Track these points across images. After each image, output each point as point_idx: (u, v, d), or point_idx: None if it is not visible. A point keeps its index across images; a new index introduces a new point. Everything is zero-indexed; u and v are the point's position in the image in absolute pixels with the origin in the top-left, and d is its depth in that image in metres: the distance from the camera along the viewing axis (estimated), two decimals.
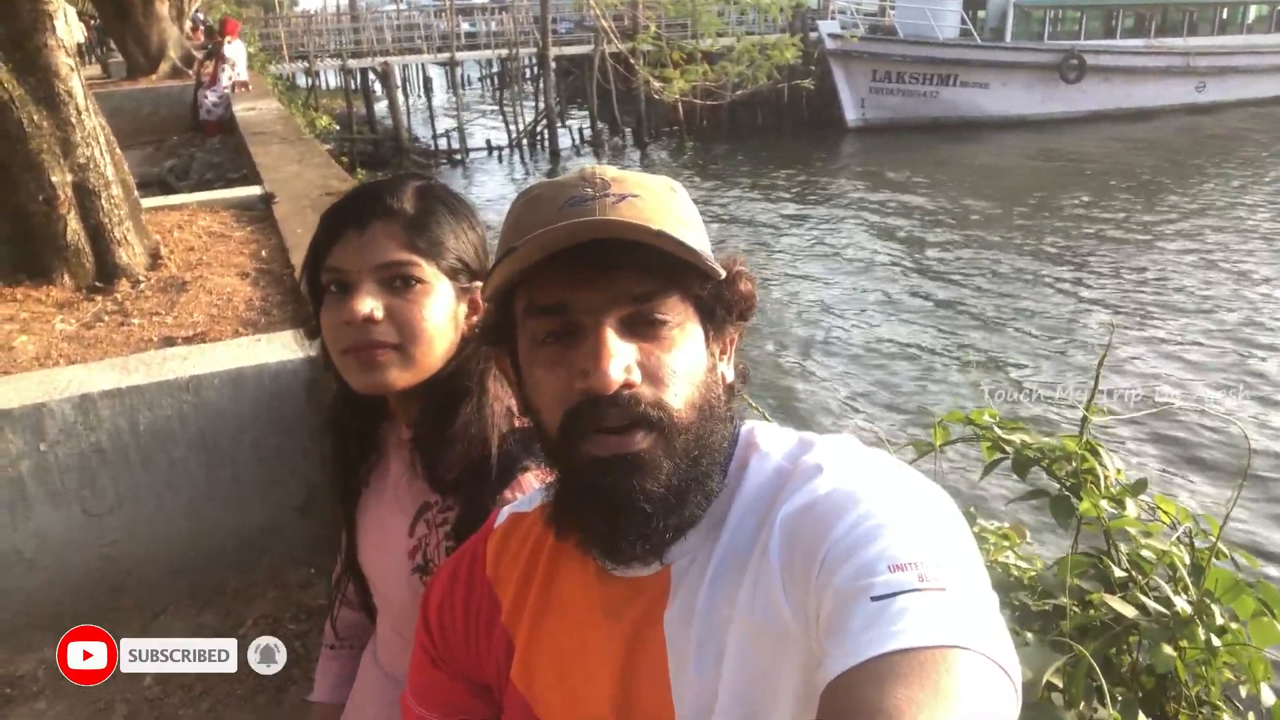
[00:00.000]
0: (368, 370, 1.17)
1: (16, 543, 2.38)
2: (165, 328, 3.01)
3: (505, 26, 27.97)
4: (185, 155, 8.52)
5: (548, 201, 0.82)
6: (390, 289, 1.16)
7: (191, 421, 2.49)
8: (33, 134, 3.31)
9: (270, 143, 6.68)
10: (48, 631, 2.44)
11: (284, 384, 2.58)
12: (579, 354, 0.79)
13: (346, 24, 27.90)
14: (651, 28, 20.83)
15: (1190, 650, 1.11)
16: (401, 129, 25.59)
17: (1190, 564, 1.21)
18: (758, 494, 0.83)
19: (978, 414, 1.52)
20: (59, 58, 3.37)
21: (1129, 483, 1.36)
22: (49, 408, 2.34)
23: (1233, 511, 1.22)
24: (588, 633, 0.88)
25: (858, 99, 27.60)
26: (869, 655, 0.63)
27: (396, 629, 1.32)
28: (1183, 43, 28.85)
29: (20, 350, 2.83)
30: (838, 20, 28.25)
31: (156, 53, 11.73)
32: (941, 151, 24.64)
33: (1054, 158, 23.79)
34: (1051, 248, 15.99)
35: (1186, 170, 21.96)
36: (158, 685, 2.31)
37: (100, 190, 3.51)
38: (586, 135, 27.47)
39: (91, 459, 2.40)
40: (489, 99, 36.69)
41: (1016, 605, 1.29)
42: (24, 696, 2.27)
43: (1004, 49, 27.59)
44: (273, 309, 3.14)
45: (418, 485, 1.24)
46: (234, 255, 3.79)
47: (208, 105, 9.61)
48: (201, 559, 2.60)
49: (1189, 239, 16.34)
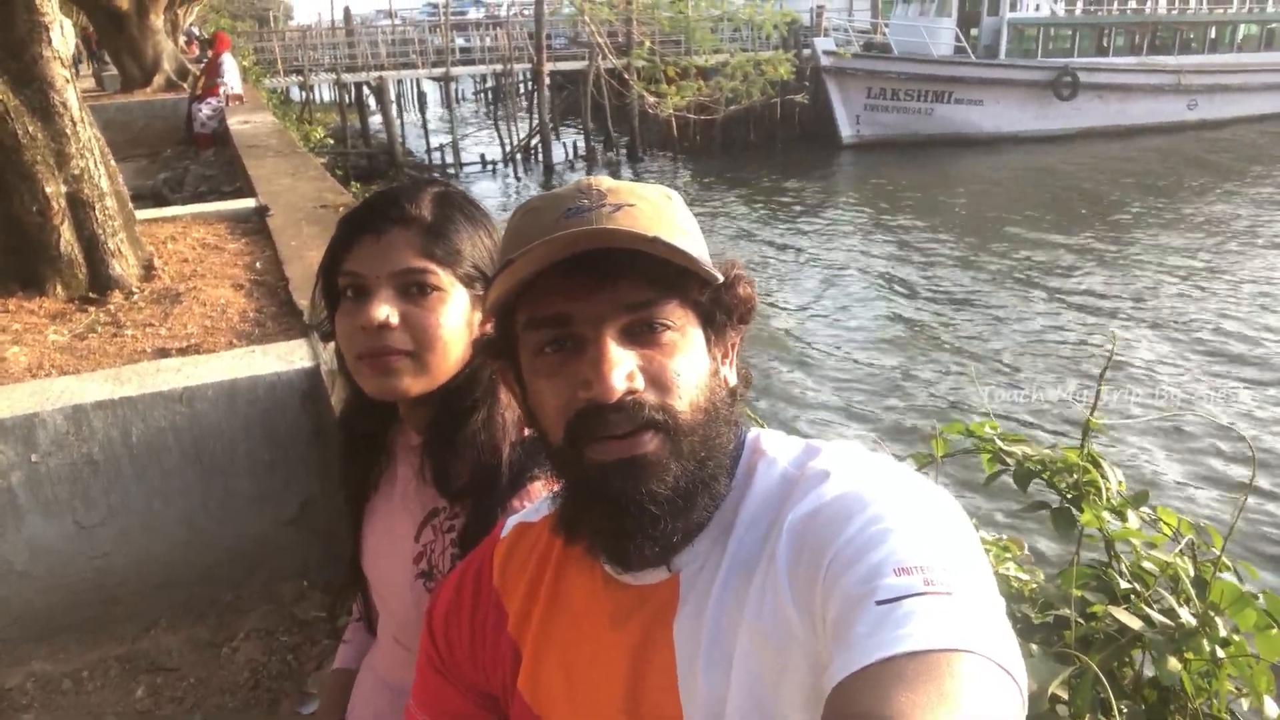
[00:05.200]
0: (381, 376, 1.17)
1: (7, 553, 2.36)
2: (159, 339, 2.99)
3: (500, 42, 28.06)
4: (179, 168, 8.51)
5: (545, 213, 0.82)
6: (406, 296, 1.17)
7: (185, 433, 2.48)
8: (27, 145, 3.31)
9: (265, 156, 6.68)
10: (39, 644, 2.43)
11: (278, 396, 2.56)
12: (581, 364, 0.79)
13: (341, 38, 27.98)
14: (646, 43, 20.92)
15: (1195, 662, 1.10)
16: (395, 143, 25.64)
17: (1194, 576, 1.20)
18: (765, 500, 0.83)
19: (978, 426, 1.52)
20: (54, 69, 3.36)
21: (1130, 494, 1.36)
22: (41, 418, 2.32)
23: (1237, 522, 1.21)
24: (595, 641, 0.88)
25: (852, 115, 27.76)
26: (874, 659, 0.62)
27: (398, 638, 1.31)
28: (1174, 61, 29.12)
29: (13, 361, 2.81)
30: (832, 37, 28.44)
31: (151, 66, 11.76)
32: (936, 167, 24.78)
33: (1049, 173, 23.94)
34: (1049, 262, 16.08)
35: (1180, 185, 22.14)
36: (149, 697, 2.29)
37: (94, 201, 3.50)
38: (580, 150, 27.55)
39: (84, 470, 2.38)
40: (483, 114, 36.82)
41: (1019, 617, 1.28)
42: (13, 709, 2.25)
43: (998, 66, 27.80)
44: (267, 321, 3.13)
45: (426, 491, 1.24)
46: (228, 267, 3.78)
47: (202, 118, 9.62)
48: (194, 571, 2.58)
49: (1188, 252, 16.48)
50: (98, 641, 2.44)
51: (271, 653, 2.46)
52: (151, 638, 2.49)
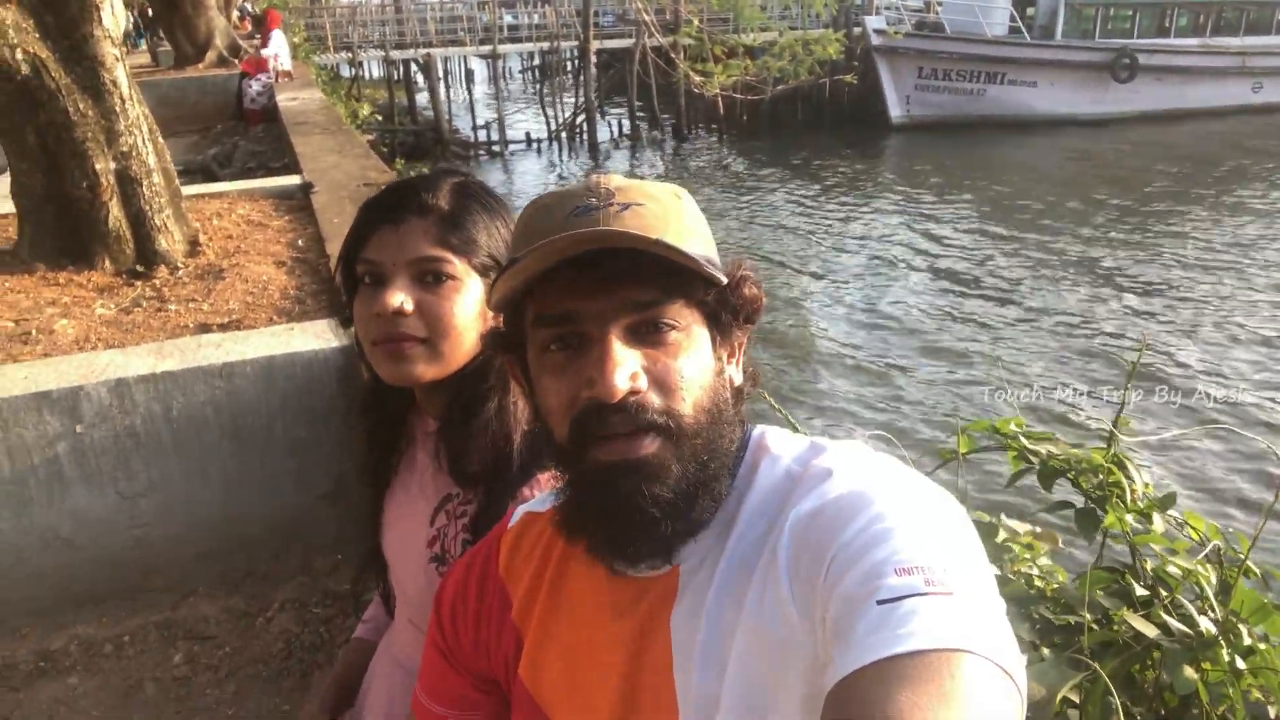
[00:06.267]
0: (396, 362, 1.20)
1: (53, 521, 2.43)
2: (201, 314, 3.05)
3: (548, 19, 28.04)
4: (229, 144, 8.62)
5: (553, 211, 0.83)
6: (422, 284, 1.19)
7: (224, 408, 2.53)
8: (78, 122, 3.37)
9: (311, 132, 6.74)
10: (82, 609, 2.50)
11: (315, 373, 2.60)
12: (585, 362, 0.80)
13: (390, 15, 28.16)
14: (694, 22, 20.76)
15: (1213, 672, 1.08)
16: (442, 120, 25.79)
17: (1217, 583, 1.18)
18: (768, 497, 0.84)
19: (1003, 423, 1.50)
20: (105, 48, 3.42)
21: (1157, 497, 1.34)
22: (86, 390, 2.38)
23: (1264, 529, 1.19)
24: (595, 631, 0.89)
25: (903, 96, 27.33)
26: (874, 658, 0.63)
27: (412, 620, 1.33)
28: (1239, 42, 28.22)
29: (61, 334, 2.89)
30: (883, 16, 28.00)
31: (204, 42, 11.90)
32: (987, 150, 24.32)
33: (1103, 159, 23.36)
34: (1097, 254, 15.69)
35: (1242, 174, 21.45)
36: (186, 665, 2.35)
37: (142, 178, 3.57)
38: (625, 129, 27.48)
39: (126, 442, 2.44)
40: (530, 91, 36.82)
41: (1037, 618, 1.27)
42: (57, 671, 2.32)
43: (1053, 47, 27.14)
44: (307, 298, 3.18)
45: (441, 477, 1.26)
46: (271, 244, 3.83)
47: (252, 94, 9.73)
48: (231, 543, 2.64)
49: (1243, 246, 15.96)
50: (137, 608, 2.51)
51: (305, 624, 2.52)
52: (189, 605, 2.55)
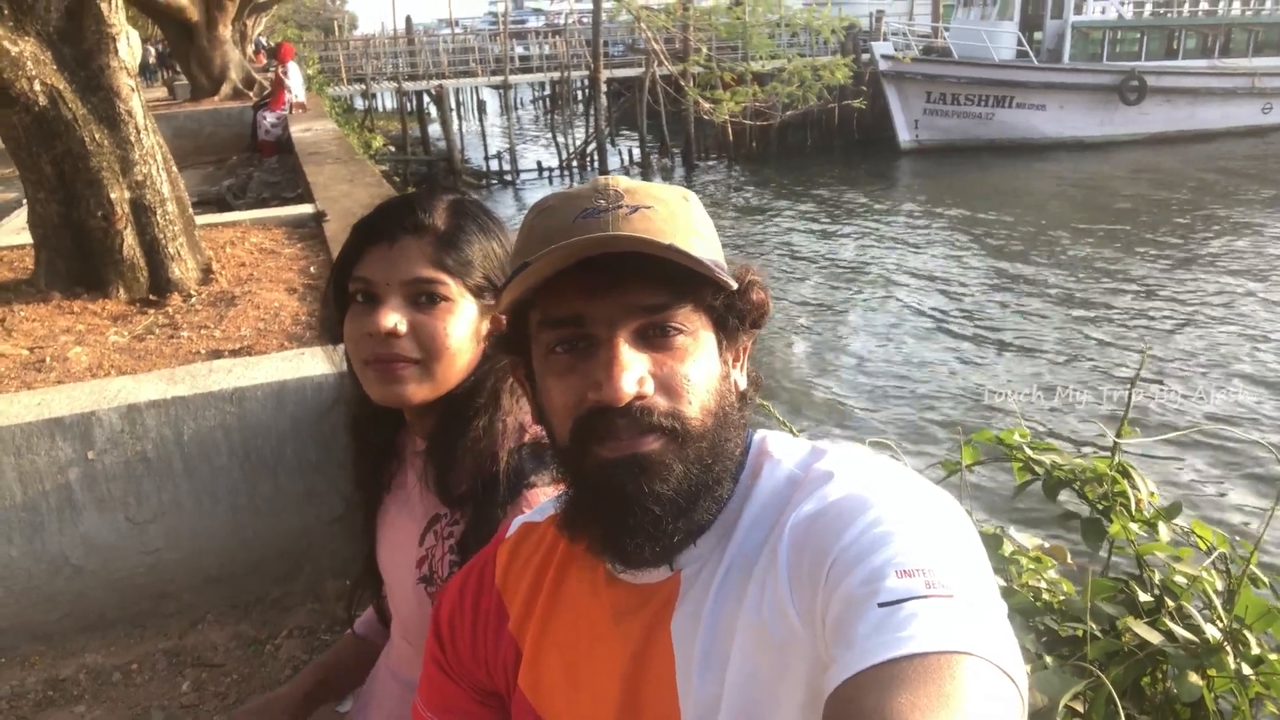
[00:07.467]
0: (387, 383, 1.18)
1: (64, 548, 2.44)
2: (213, 340, 3.08)
3: (558, 50, 28.33)
4: (243, 174, 8.74)
5: (561, 213, 0.83)
6: (415, 304, 1.18)
7: (234, 432, 2.54)
8: (94, 152, 3.43)
9: (324, 163, 6.83)
10: (91, 636, 2.50)
11: (325, 397, 2.61)
12: (592, 365, 0.80)
13: (403, 47, 28.51)
14: (703, 50, 20.94)
15: (1219, 680, 1.07)
16: (454, 150, 26.03)
17: (1223, 590, 1.17)
18: (769, 501, 0.84)
19: (1008, 434, 1.49)
20: (121, 79, 3.48)
21: (1163, 506, 1.33)
22: (98, 416, 2.40)
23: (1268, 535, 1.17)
24: (595, 638, 0.89)
25: (911, 120, 27.42)
26: (875, 661, 0.63)
27: (405, 637, 1.33)
28: (1248, 63, 28.20)
29: (74, 360, 2.92)
30: (891, 41, 28.14)
31: (219, 75, 12.10)
32: (996, 174, 24.32)
33: (1111, 181, 23.30)
34: (1102, 274, 15.61)
35: (1252, 194, 21.37)
36: (194, 691, 2.35)
37: (156, 207, 3.62)
38: (635, 157, 27.67)
39: (137, 467, 2.45)
40: (541, 121, 37.14)
41: (1043, 629, 1.26)
42: (65, 699, 2.32)
43: (1061, 70, 27.21)
44: (317, 324, 3.20)
45: (430, 497, 1.25)
46: (283, 271, 3.87)
47: (266, 125, 9.87)
48: (241, 568, 2.64)
49: (1252, 274, 15.85)
50: (146, 635, 2.51)
51: (313, 650, 2.51)
52: (199, 633, 2.55)
